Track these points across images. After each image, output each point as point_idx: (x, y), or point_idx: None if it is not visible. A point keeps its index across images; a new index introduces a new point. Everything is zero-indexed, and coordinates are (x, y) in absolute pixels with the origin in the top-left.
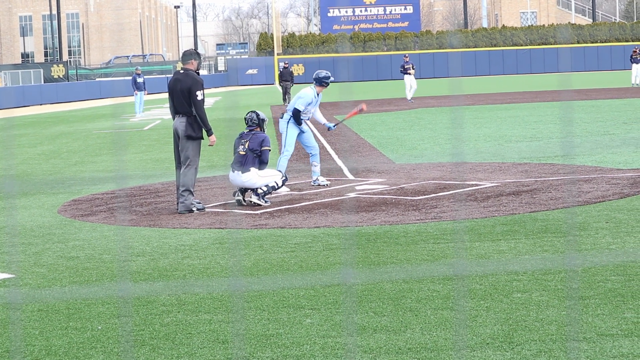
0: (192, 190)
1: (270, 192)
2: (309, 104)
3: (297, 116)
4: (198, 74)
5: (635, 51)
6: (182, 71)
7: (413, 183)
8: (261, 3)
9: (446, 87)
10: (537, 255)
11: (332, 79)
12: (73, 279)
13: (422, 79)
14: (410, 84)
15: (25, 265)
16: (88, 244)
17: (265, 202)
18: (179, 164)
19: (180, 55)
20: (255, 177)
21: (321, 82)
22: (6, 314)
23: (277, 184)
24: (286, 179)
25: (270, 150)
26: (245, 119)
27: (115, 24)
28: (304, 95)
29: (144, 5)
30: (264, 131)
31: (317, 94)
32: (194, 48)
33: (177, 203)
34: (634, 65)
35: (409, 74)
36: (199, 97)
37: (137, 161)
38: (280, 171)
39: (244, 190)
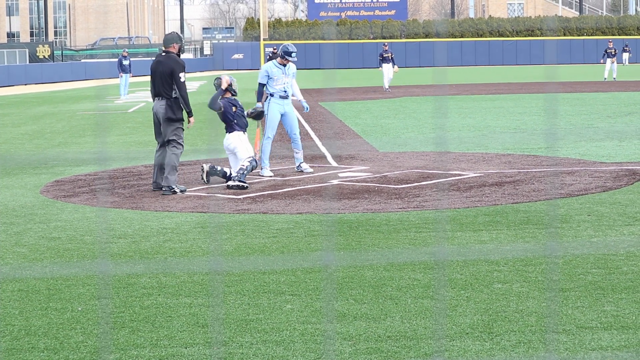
0: (176, 169)
1: (245, 174)
2: (270, 76)
3: (261, 93)
4: (179, 56)
5: (610, 45)
6: (163, 54)
7: (396, 171)
8: None
9: (431, 76)
10: (519, 247)
11: (294, 53)
12: (54, 260)
13: (408, 68)
14: (387, 73)
15: (6, 245)
16: (70, 225)
17: (244, 183)
18: (160, 146)
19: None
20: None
21: (282, 55)
22: None
23: (246, 167)
24: (256, 163)
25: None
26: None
27: (102, 5)
28: (262, 69)
29: None
30: (235, 93)
31: (283, 65)
32: (176, 32)
33: (152, 182)
34: (609, 59)
35: (388, 62)
36: (182, 79)
37: (121, 143)
38: (252, 156)
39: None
